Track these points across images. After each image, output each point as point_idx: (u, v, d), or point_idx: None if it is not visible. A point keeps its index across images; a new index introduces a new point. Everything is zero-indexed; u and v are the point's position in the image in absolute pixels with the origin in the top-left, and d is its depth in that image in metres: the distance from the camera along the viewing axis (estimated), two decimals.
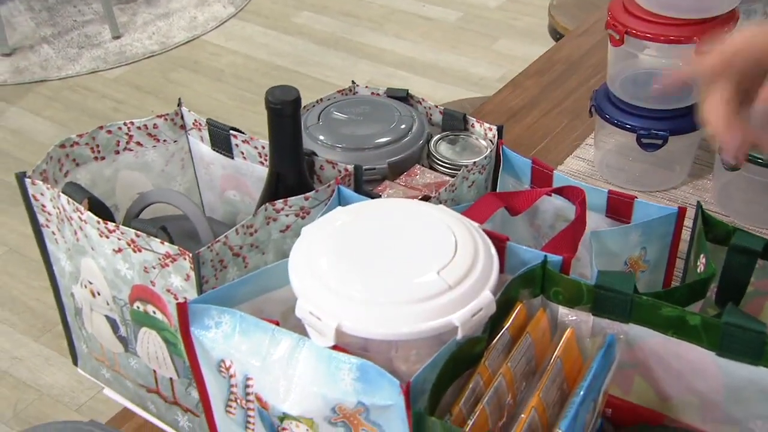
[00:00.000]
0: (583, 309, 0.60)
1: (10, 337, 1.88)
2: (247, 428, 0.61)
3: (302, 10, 3.12)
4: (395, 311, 0.55)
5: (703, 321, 0.56)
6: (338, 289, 0.56)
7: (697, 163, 1.08)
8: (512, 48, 2.88)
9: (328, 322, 0.55)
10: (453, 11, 3.08)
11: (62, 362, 1.83)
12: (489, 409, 0.54)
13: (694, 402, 0.60)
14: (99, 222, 0.63)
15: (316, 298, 0.56)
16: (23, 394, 1.75)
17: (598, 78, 1.27)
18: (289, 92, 0.65)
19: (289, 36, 2.97)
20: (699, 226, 0.71)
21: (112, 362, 0.73)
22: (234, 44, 2.94)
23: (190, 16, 3.09)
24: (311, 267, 0.58)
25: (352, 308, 0.55)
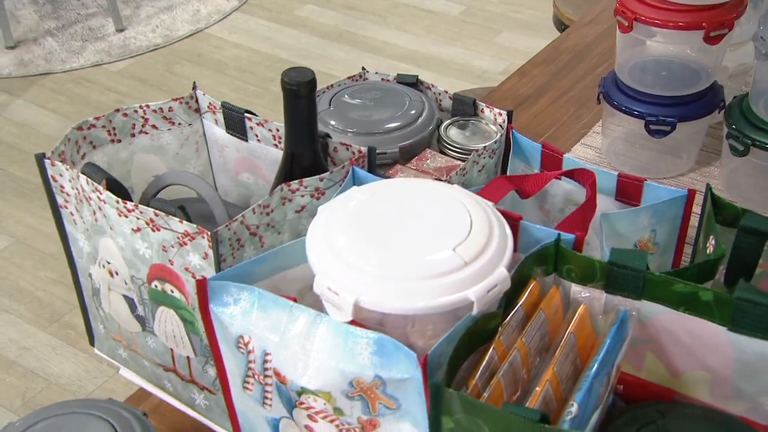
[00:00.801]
0: (596, 286, 0.61)
1: (18, 327, 1.89)
2: (265, 404, 0.62)
3: (306, 3, 3.12)
4: (412, 286, 0.56)
5: (716, 296, 0.57)
6: (356, 265, 0.57)
7: (704, 151, 1.09)
8: (515, 41, 2.88)
9: (346, 298, 0.56)
10: (456, 4, 3.09)
11: (70, 352, 1.84)
12: (504, 382, 0.55)
13: (705, 378, 0.61)
14: (118, 201, 0.64)
15: (334, 274, 0.57)
16: (31, 383, 1.76)
17: (604, 67, 1.28)
18: (305, 73, 0.66)
19: (293, 29, 2.98)
20: (708, 208, 0.72)
21: (129, 342, 0.74)
22: (237, 37, 2.95)
23: (193, 9, 3.09)
24: (329, 244, 0.59)
25: (369, 284, 0.56)
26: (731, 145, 0.99)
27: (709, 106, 1.02)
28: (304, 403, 0.58)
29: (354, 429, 0.58)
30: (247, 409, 0.65)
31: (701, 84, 1.02)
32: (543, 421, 0.49)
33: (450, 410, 0.52)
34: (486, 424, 0.51)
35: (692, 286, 0.57)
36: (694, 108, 1.02)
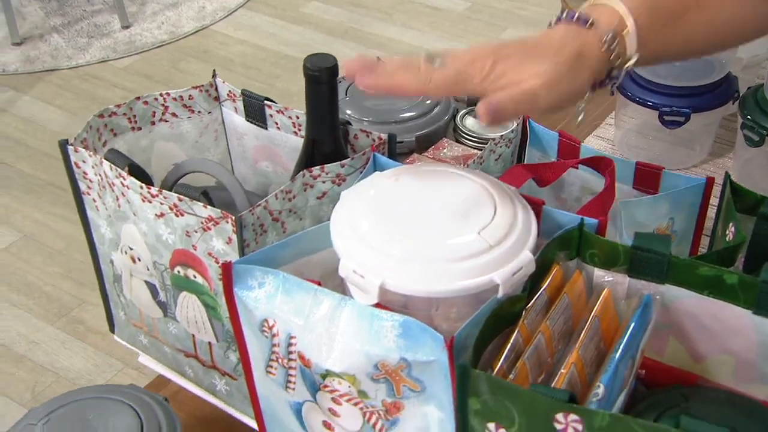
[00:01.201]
0: (619, 271, 0.61)
1: (27, 321, 1.90)
2: (288, 388, 0.62)
3: (311, 0, 3.12)
4: (438, 269, 0.56)
5: (741, 280, 0.57)
6: (381, 248, 0.57)
7: (717, 142, 1.09)
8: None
9: (371, 280, 0.56)
10: (461, 1, 3.09)
11: (79, 346, 1.84)
12: (529, 364, 0.55)
13: (729, 362, 0.61)
14: (142, 187, 0.64)
15: (359, 258, 0.57)
16: (41, 377, 1.77)
17: None
18: (327, 59, 0.66)
19: (298, 26, 2.98)
20: (728, 196, 0.72)
21: (151, 328, 0.74)
22: (243, 34, 2.95)
23: (198, 6, 3.09)
24: (353, 228, 0.59)
25: (395, 266, 0.56)
26: (746, 136, 0.99)
27: (723, 97, 1.02)
28: (328, 386, 0.58)
29: (378, 412, 0.58)
30: (270, 394, 0.65)
31: (715, 75, 1.02)
32: (571, 401, 0.49)
33: (477, 391, 0.52)
34: (514, 405, 0.51)
35: (717, 269, 0.57)
36: (708, 99, 1.02)
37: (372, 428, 0.59)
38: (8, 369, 1.79)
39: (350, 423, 0.60)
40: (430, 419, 0.57)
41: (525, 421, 0.51)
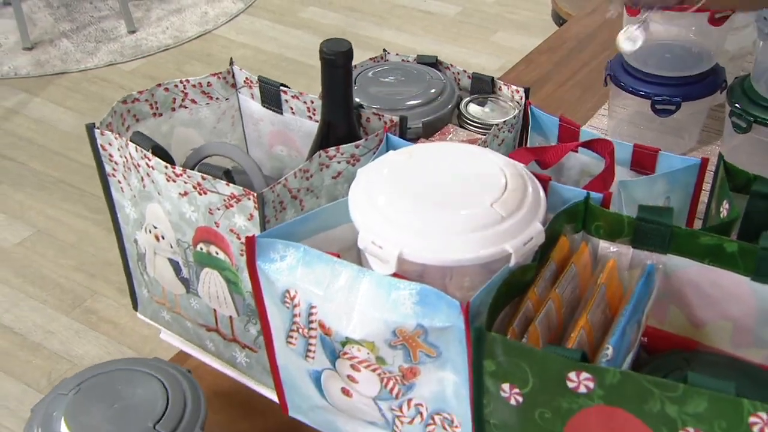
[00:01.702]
0: (623, 242, 0.62)
1: (42, 312, 1.89)
2: (307, 357, 0.62)
3: (308, 6, 3.12)
4: (453, 239, 0.56)
5: (740, 247, 0.57)
6: (398, 221, 0.57)
7: (705, 131, 1.10)
8: (510, 40, 2.89)
9: (390, 251, 0.56)
10: (452, 5, 3.10)
11: (92, 335, 1.84)
12: (540, 329, 0.56)
13: (727, 327, 0.62)
14: (166, 167, 0.64)
15: (377, 230, 0.57)
16: (56, 365, 1.76)
17: (606, 54, 1.28)
18: (342, 44, 0.66)
19: (297, 30, 2.98)
20: (721, 175, 0.73)
21: (173, 304, 0.74)
22: (244, 38, 2.95)
23: (201, 12, 3.09)
24: (370, 202, 0.59)
25: (412, 237, 0.56)
26: (734, 123, 0.99)
27: (711, 87, 1.03)
28: (347, 353, 0.58)
29: (395, 377, 0.58)
30: (289, 363, 0.65)
31: (703, 65, 1.03)
32: (583, 360, 0.49)
33: (492, 353, 0.52)
34: (528, 365, 0.51)
35: (717, 237, 0.58)
36: (698, 88, 1.02)
37: (389, 393, 0.59)
38: (25, 357, 1.78)
39: (368, 389, 0.60)
40: (445, 383, 0.57)
41: (538, 380, 0.51)
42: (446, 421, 0.59)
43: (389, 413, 0.61)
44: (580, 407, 0.51)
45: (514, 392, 0.53)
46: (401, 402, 0.59)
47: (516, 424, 0.54)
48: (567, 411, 0.51)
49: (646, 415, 0.49)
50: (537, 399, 0.52)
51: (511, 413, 0.54)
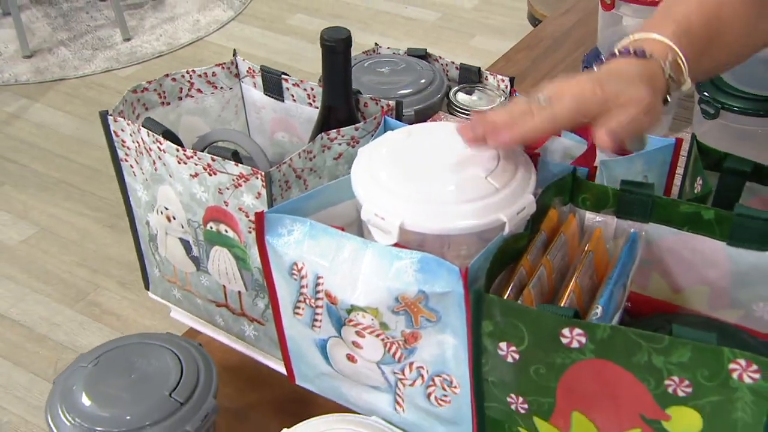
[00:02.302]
0: (608, 212, 0.63)
1: (47, 305, 1.88)
2: (314, 326, 0.63)
3: (296, 13, 3.13)
4: (451, 209, 0.57)
5: (717, 214, 0.59)
6: (399, 193, 0.58)
7: (676, 119, 1.12)
8: (487, 44, 2.91)
9: (392, 221, 0.57)
10: (432, 12, 3.11)
11: (96, 326, 1.83)
12: (534, 293, 0.57)
13: (704, 291, 0.63)
14: (178, 150, 0.65)
15: (379, 202, 0.58)
16: (62, 354, 1.75)
17: (581, 50, 1.30)
18: (341, 32, 0.67)
19: (285, 36, 2.98)
20: (694, 154, 0.74)
21: (184, 282, 0.75)
22: (235, 44, 2.94)
23: (193, 20, 3.08)
24: (372, 177, 0.60)
25: (412, 208, 0.57)
26: (703, 110, 1.01)
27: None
28: (353, 320, 0.59)
29: (398, 342, 0.59)
30: (296, 334, 0.66)
31: None
32: (576, 317, 0.51)
33: (490, 314, 0.53)
34: (524, 324, 0.52)
35: (695, 206, 0.59)
36: None
37: (392, 357, 0.60)
38: (32, 348, 1.77)
39: (372, 353, 0.61)
40: (444, 346, 0.58)
41: (533, 338, 0.52)
42: (446, 382, 0.60)
43: (392, 377, 0.61)
44: (573, 362, 0.52)
45: (510, 350, 0.54)
46: (403, 365, 0.60)
47: (513, 380, 0.55)
48: (560, 366, 0.52)
49: (634, 367, 0.50)
50: (532, 355, 0.53)
51: (508, 370, 0.55)
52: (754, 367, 0.47)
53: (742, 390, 0.48)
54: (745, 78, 0.97)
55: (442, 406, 0.61)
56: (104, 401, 0.64)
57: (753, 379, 0.47)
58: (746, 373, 0.47)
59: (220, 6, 3.17)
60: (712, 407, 0.50)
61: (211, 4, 3.18)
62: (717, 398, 0.49)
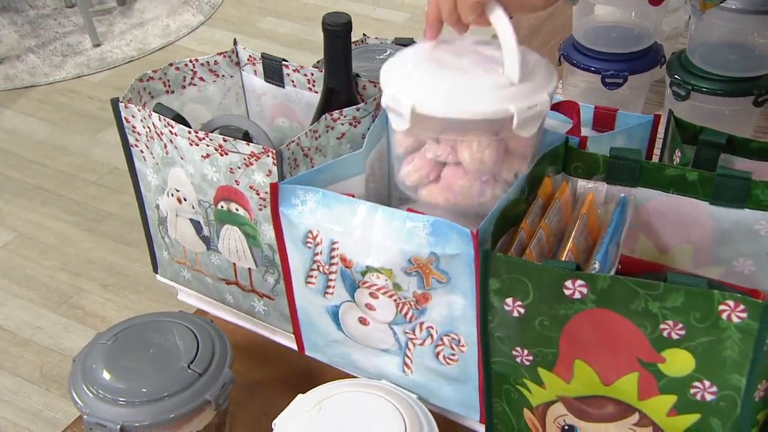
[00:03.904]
0: (599, 179, 0.67)
1: (30, 310, 1.88)
2: (326, 294, 0.67)
3: (266, 16, 3.15)
4: (464, 97, 0.60)
5: (700, 175, 0.64)
6: (415, 78, 0.61)
7: (648, 103, 1.18)
8: None
9: (405, 103, 0.60)
10: (401, 12, 3.16)
11: (80, 328, 1.84)
12: (535, 253, 0.61)
13: (689, 250, 0.68)
14: (190, 132, 0.68)
15: (398, 86, 0.62)
16: (47, 358, 1.76)
17: (556, 39, 1.35)
18: (343, 17, 0.71)
19: (256, 39, 3.00)
20: (672, 128, 0.79)
21: (194, 262, 0.78)
22: (206, 48, 2.96)
23: (163, 25, 3.09)
24: (399, 67, 0.63)
25: (426, 92, 0.60)
26: (674, 92, 1.07)
27: (652, 61, 1.11)
28: (367, 282, 0.63)
29: (410, 302, 0.63)
30: (307, 303, 0.69)
31: (644, 43, 1.11)
32: (577, 269, 0.55)
33: (497, 272, 0.57)
34: (529, 279, 0.56)
35: (680, 168, 0.64)
36: (641, 63, 1.10)
37: (404, 317, 0.64)
38: (17, 352, 1.77)
39: (385, 314, 0.64)
40: (453, 307, 0.62)
41: (538, 292, 0.57)
42: (454, 341, 0.64)
43: (403, 336, 0.65)
44: (575, 312, 0.56)
45: (516, 305, 0.58)
46: (414, 325, 0.64)
47: (518, 333, 0.59)
48: (564, 317, 0.57)
49: (632, 314, 0.55)
50: (537, 308, 0.57)
51: (514, 324, 0.59)
52: (741, 306, 0.52)
53: (730, 330, 0.53)
54: (712, 61, 1.03)
55: (450, 365, 0.65)
56: (126, 374, 0.67)
57: (740, 318, 0.52)
58: (734, 313, 0.52)
59: (189, 11, 3.18)
60: (704, 348, 0.54)
61: (180, 9, 3.19)
62: (708, 339, 0.54)
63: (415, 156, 0.66)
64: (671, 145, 0.79)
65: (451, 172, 0.64)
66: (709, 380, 0.55)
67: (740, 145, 0.75)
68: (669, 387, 0.56)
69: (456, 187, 0.64)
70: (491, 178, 0.64)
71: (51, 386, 1.70)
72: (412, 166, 0.66)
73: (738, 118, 1.06)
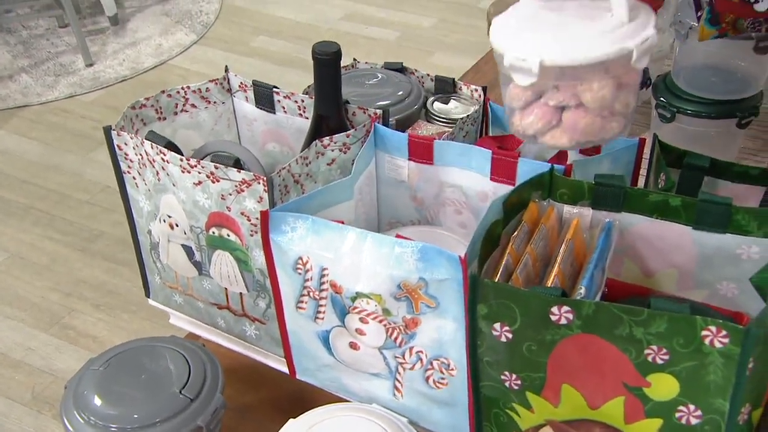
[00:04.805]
0: (584, 204, 0.69)
1: (21, 331, 1.88)
2: (317, 319, 0.67)
3: (258, 35, 3.17)
4: (585, 43, 0.63)
5: (683, 200, 0.65)
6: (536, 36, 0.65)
7: (635, 125, 1.19)
8: (446, 60, 2.99)
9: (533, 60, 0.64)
10: (392, 31, 3.19)
11: (72, 349, 1.83)
12: (521, 278, 0.62)
13: (673, 274, 0.69)
14: (182, 159, 0.69)
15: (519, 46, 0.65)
16: (39, 379, 1.75)
17: None
18: (332, 46, 0.72)
19: (249, 58, 3.02)
20: (657, 152, 0.81)
21: (185, 287, 0.78)
22: (199, 67, 2.98)
23: (156, 44, 3.11)
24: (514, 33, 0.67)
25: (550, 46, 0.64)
26: (660, 114, 1.08)
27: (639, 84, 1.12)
28: (357, 307, 0.64)
29: (399, 327, 0.64)
30: (298, 328, 0.70)
31: None
32: (563, 296, 0.56)
33: (485, 297, 0.58)
34: (516, 305, 0.57)
35: (663, 194, 0.65)
36: None
37: (393, 342, 0.65)
38: (8, 374, 1.77)
39: (375, 339, 0.65)
40: (442, 331, 0.63)
41: (525, 317, 0.57)
42: (443, 365, 0.64)
43: (393, 361, 0.66)
44: (562, 337, 0.57)
45: (504, 330, 0.59)
46: (404, 350, 0.65)
47: (507, 359, 0.60)
48: (550, 342, 0.57)
49: (617, 339, 0.56)
50: (524, 334, 0.58)
51: (502, 349, 0.60)
52: (723, 332, 0.53)
53: (713, 355, 0.54)
54: (696, 83, 1.05)
55: (440, 389, 0.66)
56: (117, 400, 0.67)
57: (723, 344, 0.53)
58: (717, 338, 0.53)
59: (182, 30, 3.20)
60: (688, 372, 0.55)
61: (173, 29, 3.21)
62: (691, 363, 0.55)
63: (533, 107, 0.70)
64: (656, 168, 0.81)
65: (572, 114, 0.69)
66: (694, 404, 0.56)
67: (723, 168, 0.77)
68: (655, 411, 0.57)
69: (580, 126, 0.69)
70: (609, 113, 0.70)
71: (43, 408, 1.69)
72: (534, 116, 0.70)
73: (723, 139, 1.07)
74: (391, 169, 0.77)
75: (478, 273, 0.61)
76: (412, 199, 0.79)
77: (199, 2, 3.39)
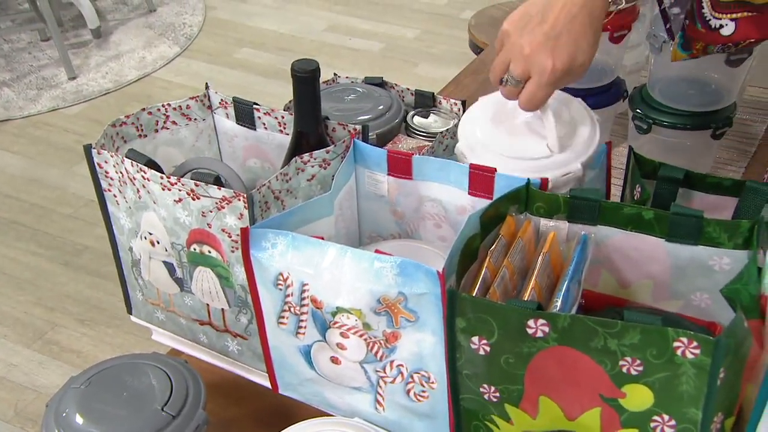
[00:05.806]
0: (560, 218, 0.70)
1: (3, 346, 1.87)
2: (298, 334, 0.68)
3: (242, 47, 3.18)
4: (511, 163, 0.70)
5: (656, 214, 0.66)
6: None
7: (613, 135, 1.21)
8: (431, 71, 3.01)
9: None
10: (376, 42, 3.20)
11: (55, 364, 1.82)
12: (499, 292, 0.63)
13: (648, 285, 0.71)
14: (162, 177, 0.69)
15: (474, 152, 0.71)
16: (22, 395, 1.74)
17: None
18: (311, 63, 0.73)
19: (233, 70, 3.03)
20: (632, 164, 0.82)
21: (167, 303, 0.79)
22: (182, 79, 2.98)
23: (139, 57, 3.11)
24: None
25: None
26: (636, 125, 1.10)
27: (616, 96, 1.14)
28: (337, 322, 0.64)
29: (379, 341, 0.65)
30: (280, 343, 0.70)
31: (607, 78, 1.14)
32: (539, 309, 0.57)
33: (463, 311, 0.59)
34: (493, 319, 0.58)
35: (637, 207, 0.67)
36: (605, 97, 1.13)
37: (374, 356, 0.65)
38: None
39: (355, 354, 0.66)
40: (422, 345, 0.64)
41: (502, 331, 0.58)
42: (424, 378, 0.65)
43: (374, 375, 0.67)
44: (538, 350, 0.58)
45: (482, 343, 0.60)
46: (384, 364, 0.65)
47: (485, 371, 0.61)
48: (527, 355, 0.58)
49: (592, 351, 0.57)
50: (502, 347, 0.59)
51: (481, 363, 0.61)
52: (694, 344, 0.54)
53: (685, 365, 0.55)
54: (671, 95, 1.07)
55: (421, 402, 0.66)
56: (99, 419, 0.67)
57: (694, 354, 0.54)
58: (688, 349, 0.54)
59: (165, 42, 3.20)
60: (661, 383, 0.56)
61: (156, 41, 3.21)
62: (665, 374, 0.56)
63: None
64: (631, 180, 0.82)
65: None
66: (668, 414, 0.57)
67: (697, 180, 0.78)
68: (630, 421, 0.58)
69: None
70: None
71: (26, 424, 1.68)
72: None
73: (698, 150, 1.09)
74: (371, 184, 0.78)
75: (456, 287, 0.62)
76: (392, 213, 0.80)
77: (182, 14, 3.39)
